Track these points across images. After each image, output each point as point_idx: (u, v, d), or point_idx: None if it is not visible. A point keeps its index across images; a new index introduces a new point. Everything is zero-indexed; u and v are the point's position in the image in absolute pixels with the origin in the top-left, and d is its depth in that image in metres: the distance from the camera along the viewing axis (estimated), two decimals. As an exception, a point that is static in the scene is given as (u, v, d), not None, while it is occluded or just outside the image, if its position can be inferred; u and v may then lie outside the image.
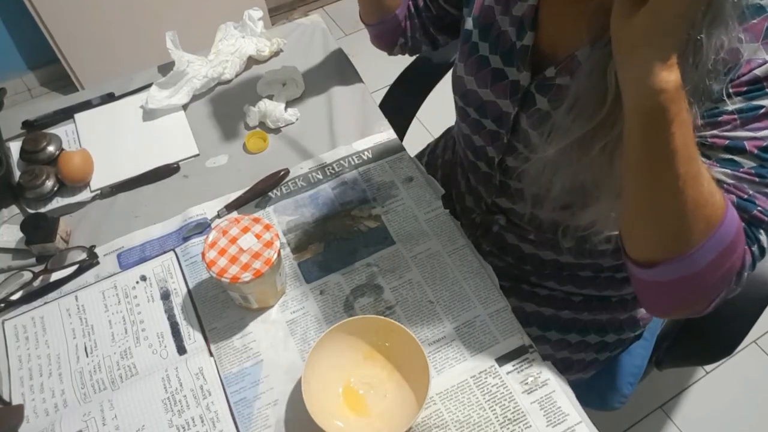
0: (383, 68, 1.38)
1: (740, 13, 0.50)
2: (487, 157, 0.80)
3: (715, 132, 0.55)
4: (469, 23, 0.76)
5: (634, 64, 0.48)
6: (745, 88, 0.53)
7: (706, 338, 0.81)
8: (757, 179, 0.55)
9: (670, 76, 0.47)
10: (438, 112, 1.29)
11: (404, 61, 1.13)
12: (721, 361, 1.43)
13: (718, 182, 0.54)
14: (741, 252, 0.55)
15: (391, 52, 0.98)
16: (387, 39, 0.93)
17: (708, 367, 1.45)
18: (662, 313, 0.65)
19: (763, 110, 0.53)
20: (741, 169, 0.55)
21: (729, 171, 0.55)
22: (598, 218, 0.65)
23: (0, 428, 0.68)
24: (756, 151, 0.54)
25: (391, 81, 1.11)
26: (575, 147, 0.59)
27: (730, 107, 0.54)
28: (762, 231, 0.56)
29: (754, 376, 1.43)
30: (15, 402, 0.70)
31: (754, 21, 0.52)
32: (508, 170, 0.78)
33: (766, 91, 0.53)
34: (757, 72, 0.52)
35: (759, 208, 0.55)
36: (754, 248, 0.56)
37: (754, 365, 1.45)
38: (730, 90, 0.53)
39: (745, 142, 0.54)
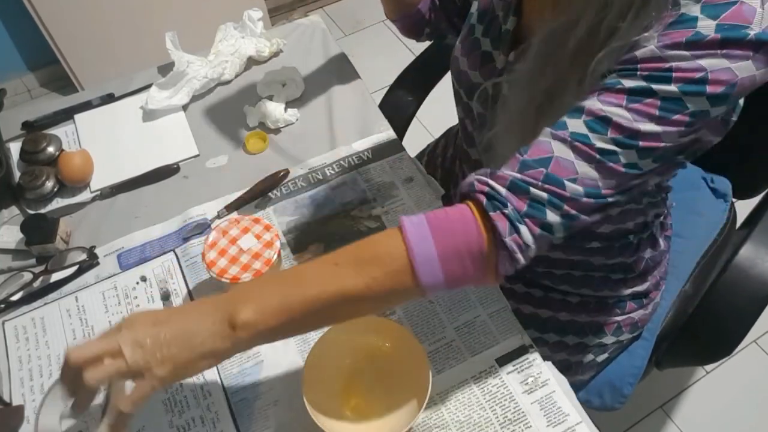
0: (383, 68, 1.38)
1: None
2: (476, 144, 0.81)
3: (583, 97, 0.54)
4: (474, 5, 0.78)
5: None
6: (620, 67, 0.53)
7: (706, 338, 0.81)
8: (568, 139, 0.52)
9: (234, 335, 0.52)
10: (438, 112, 1.29)
11: (404, 61, 1.13)
12: (721, 361, 1.43)
13: (533, 135, 0.54)
14: (465, 239, 0.52)
15: (419, 40, 0.98)
16: (413, 31, 0.94)
17: (708, 367, 1.45)
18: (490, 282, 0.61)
19: (619, 86, 0.52)
20: (562, 131, 0.53)
21: (548, 130, 0.54)
22: None
23: (0, 429, 0.68)
24: (589, 118, 0.52)
25: (391, 81, 1.11)
26: (518, 127, 0.62)
27: (602, 82, 0.54)
28: (541, 192, 0.52)
29: (754, 376, 1.43)
30: (15, 403, 0.71)
31: (665, 14, 0.51)
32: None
33: (635, 73, 0.51)
34: (637, 54, 0.52)
35: (545, 170, 0.52)
36: (508, 210, 0.52)
37: (754, 365, 1.45)
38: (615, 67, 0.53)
39: (586, 106, 0.53)
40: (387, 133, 0.94)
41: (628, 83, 0.52)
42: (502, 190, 0.53)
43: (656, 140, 0.52)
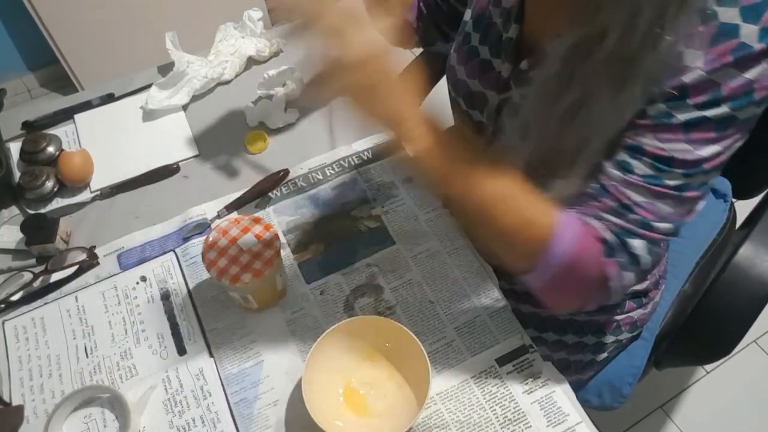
0: (383, 68, 1.38)
1: (700, 11, 0.50)
2: None
3: (630, 132, 0.55)
4: (467, 14, 0.77)
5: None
6: (670, 96, 0.52)
7: (705, 338, 0.81)
8: (643, 184, 0.55)
9: (419, 145, 0.55)
10: (438, 112, 1.29)
11: (404, 61, 1.13)
12: (721, 361, 1.43)
13: (607, 178, 0.57)
14: (592, 264, 0.57)
15: (406, 48, 0.98)
16: (401, 40, 0.92)
17: (708, 367, 1.45)
18: (553, 307, 0.68)
19: (674, 121, 0.53)
20: (631, 175, 0.55)
21: (619, 175, 0.56)
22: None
23: (0, 429, 0.68)
24: (653, 160, 0.54)
25: (391, 81, 1.11)
26: (535, 136, 0.62)
27: (650, 111, 0.54)
28: (637, 239, 0.56)
29: (754, 376, 1.43)
30: (15, 403, 0.70)
31: (702, 27, 0.50)
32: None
33: (686, 103, 0.52)
34: (685, 79, 0.51)
35: (636, 216, 0.56)
36: (621, 259, 0.57)
37: (754, 365, 1.45)
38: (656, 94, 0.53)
39: (646, 147, 0.54)
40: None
41: (682, 116, 0.52)
42: (614, 241, 0.57)
43: (719, 157, 0.54)
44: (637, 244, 0.57)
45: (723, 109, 0.51)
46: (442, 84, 1.11)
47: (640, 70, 0.51)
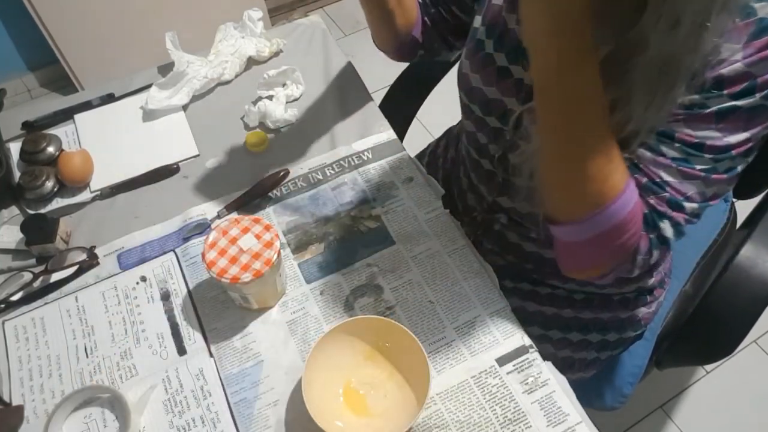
0: (383, 68, 1.37)
1: (741, 8, 0.51)
2: (490, 155, 0.80)
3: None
4: (477, 20, 0.77)
5: (527, 40, 0.53)
6: (707, 87, 0.54)
7: (706, 338, 0.81)
8: (673, 165, 0.57)
9: (555, 54, 0.51)
10: (438, 112, 1.29)
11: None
12: (721, 361, 1.43)
13: (638, 158, 0.58)
14: (633, 234, 0.58)
15: (409, 62, 0.97)
16: (407, 55, 0.92)
17: (708, 367, 1.45)
18: (567, 270, 0.68)
19: (707, 111, 0.55)
20: (662, 157, 0.57)
21: (649, 155, 0.58)
22: None
23: (0, 429, 0.68)
24: (683, 145, 0.56)
25: (391, 81, 1.11)
26: None
27: (684, 101, 0.55)
28: (666, 221, 0.59)
29: (754, 376, 1.43)
30: (15, 403, 0.70)
31: (740, 22, 0.52)
32: (509, 168, 0.78)
33: (721, 94, 0.54)
34: (722, 71, 0.53)
35: (667, 194, 0.58)
36: (653, 236, 0.59)
37: (754, 365, 1.45)
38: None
39: (677, 133, 0.56)
40: (387, 133, 0.93)
41: (715, 105, 0.54)
42: (649, 217, 0.59)
43: (747, 143, 0.56)
44: (666, 225, 0.59)
45: (754, 99, 0.53)
46: (443, 84, 1.11)
47: (683, 71, 0.52)
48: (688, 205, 0.59)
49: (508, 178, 0.79)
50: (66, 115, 0.99)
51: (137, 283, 0.80)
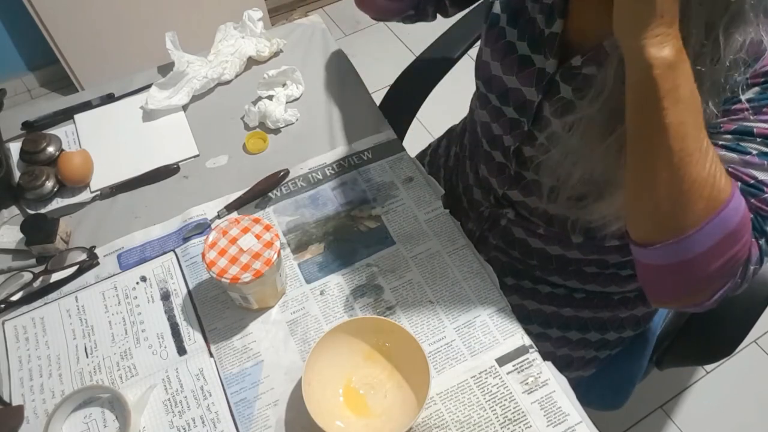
0: (383, 68, 1.38)
1: (765, 9, 0.51)
2: (504, 147, 0.79)
3: (725, 119, 0.55)
4: (497, 7, 0.76)
5: (626, 40, 0.50)
6: (762, 79, 0.54)
7: (706, 338, 0.81)
8: (765, 163, 0.54)
9: (660, 52, 0.48)
10: (438, 112, 1.29)
11: (404, 61, 1.13)
12: (721, 361, 1.43)
13: (725, 163, 0.54)
14: (746, 242, 0.54)
15: (388, 21, 0.93)
16: (395, 12, 0.88)
17: (708, 367, 1.45)
18: (663, 301, 0.63)
19: None
20: (749, 156, 0.55)
21: (736, 156, 0.55)
22: (610, 212, 0.64)
23: (0, 429, 0.68)
24: (763, 138, 0.54)
25: (391, 81, 1.11)
26: (597, 137, 0.60)
27: (744, 96, 0.54)
28: None
29: (754, 376, 1.43)
30: (15, 403, 0.70)
31: None
32: (523, 161, 0.78)
33: None
34: None
35: (766, 195, 0.55)
36: (761, 241, 0.55)
37: (754, 365, 1.45)
38: (748, 80, 0.54)
39: (754, 128, 0.55)
40: (387, 133, 0.94)
41: None
42: (755, 223, 0.55)
43: None
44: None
45: None
46: (443, 84, 1.11)
47: (704, 76, 0.52)
48: None
49: (521, 171, 0.79)
50: (66, 115, 0.99)
51: (137, 283, 0.80)
